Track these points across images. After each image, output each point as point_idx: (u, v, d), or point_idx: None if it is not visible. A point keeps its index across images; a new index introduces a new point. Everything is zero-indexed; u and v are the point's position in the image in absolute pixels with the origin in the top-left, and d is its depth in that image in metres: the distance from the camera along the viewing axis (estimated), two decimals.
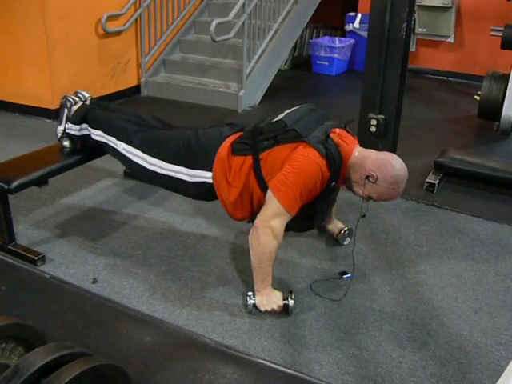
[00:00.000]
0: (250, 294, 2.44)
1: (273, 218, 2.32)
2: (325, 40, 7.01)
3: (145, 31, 5.55)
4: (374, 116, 3.39)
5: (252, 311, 2.43)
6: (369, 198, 2.52)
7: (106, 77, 5.29)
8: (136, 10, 5.47)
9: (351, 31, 7.05)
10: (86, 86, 4.95)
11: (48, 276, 2.66)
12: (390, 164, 2.44)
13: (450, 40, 6.83)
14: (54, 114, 4.77)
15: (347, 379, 2.13)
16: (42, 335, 1.81)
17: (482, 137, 5.08)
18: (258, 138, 2.45)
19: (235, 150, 2.48)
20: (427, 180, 3.79)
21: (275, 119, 2.49)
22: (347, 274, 2.75)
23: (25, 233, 3.01)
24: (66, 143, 3.03)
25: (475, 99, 6.05)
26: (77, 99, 3.04)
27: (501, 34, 5.10)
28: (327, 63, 6.86)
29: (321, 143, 2.35)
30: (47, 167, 2.84)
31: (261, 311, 2.42)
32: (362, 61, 7.20)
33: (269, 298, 2.42)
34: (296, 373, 2.15)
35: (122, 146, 2.75)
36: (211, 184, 2.53)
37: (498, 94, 4.96)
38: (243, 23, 5.03)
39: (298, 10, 5.82)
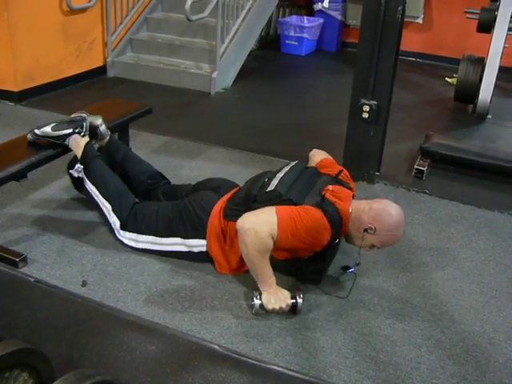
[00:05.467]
0: (255, 293, 2.30)
1: (260, 223, 2.20)
2: (294, 19, 6.83)
3: (111, 8, 5.24)
4: (367, 102, 3.27)
5: (259, 312, 2.29)
6: (372, 247, 2.45)
7: (71, 56, 4.98)
8: None
9: (320, 10, 6.90)
10: (50, 66, 4.69)
11: (33, 280, 2.45)
12: (385, 212, 2.38)
13: (419, 21, 6.78)
14: (17, 97, 4.49)
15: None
16: (47, 358, 1.63)
17: (459, 120, 5.05)
18: (251, 205, 2.40)
19: (228, 215, 2.46)
20: (416, 167, 3.72)
21: (268, 189, 2.41)
22: (350, 268, 2.64)
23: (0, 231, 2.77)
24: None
25: (446, 81, 6.08)
26: (86, 131, 2.80)
27: (476, 17, 5.05)
28: (297, 43, 6.69)
29: (317, 205, 2.30)
30: (27, 160, 2.61)
31: (268, 310, 2.29)
32: (330, 41, 7.16)
33: (276, 297, 2.28)
34: (315, 379, 2.04)
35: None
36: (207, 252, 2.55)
37: (474, 77, 4.93)
38: (217, 2, 4.80)
39: None
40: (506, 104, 5.60)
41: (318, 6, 6.91)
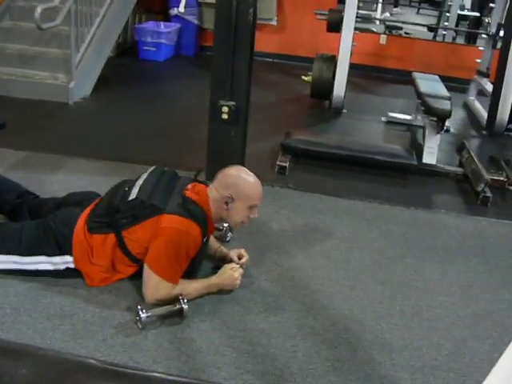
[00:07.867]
0: (139, 307, 2.25)
1: (156, 291, 2.34)
2: (150, 25, 6.79)
3: None
4: (226, 103, 3.32)
5: (146, 325, 2.24)
6: (246, 211, 2.52)
7: None
8: None
9: (176, 15, 6.91)
10: None
11: None
12: (223, 172, 2.59)
13: (274, 23, 7.02)
14: None
15: (248, 378, 2.07)
16: None
17: (317, 116, 5.30)
18: (115, 216, 2.42)
19: (92, 228, 2.45)
20: (278, 163, 3.84)
21: (130, 198, 2.44)
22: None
23: None
24: None
25: (303, 80, 6.34)
26: None
27: (326, 18, 5.32)
28: (154, 49, 6.66)
29: (180, 207, 2.38)
30: None
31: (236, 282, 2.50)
32: (188, 45, 7.19)
33: (224, 280, 2.49)
34: (196, 381, 2.06)
35: None
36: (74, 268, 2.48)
37: (328, 74, 5.19)
38: (69, 9, 4.65)
39: None
40: (359, 98, 5.97)
41: (173, 11, 6.92)
